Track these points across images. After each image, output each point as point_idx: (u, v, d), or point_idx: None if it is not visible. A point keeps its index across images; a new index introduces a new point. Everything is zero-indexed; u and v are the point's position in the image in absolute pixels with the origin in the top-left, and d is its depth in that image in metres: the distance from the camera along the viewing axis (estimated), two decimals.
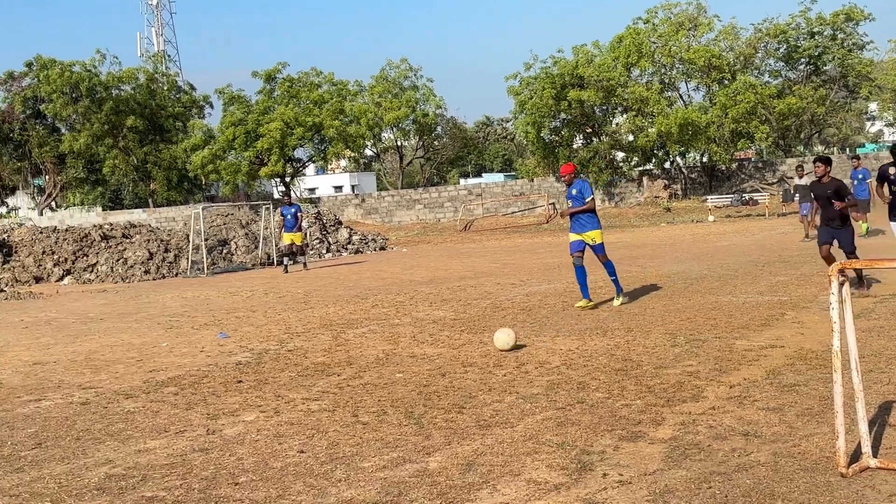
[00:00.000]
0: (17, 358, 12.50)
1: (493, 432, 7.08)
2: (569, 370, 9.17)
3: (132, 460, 6.94)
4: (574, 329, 11.77)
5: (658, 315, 12.47)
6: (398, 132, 56.22)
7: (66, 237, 31.46)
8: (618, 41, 48.07)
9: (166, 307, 18.23)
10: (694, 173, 49.57)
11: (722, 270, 17.67)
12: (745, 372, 8.51)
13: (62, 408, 9.00)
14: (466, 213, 48.84)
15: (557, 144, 50.16)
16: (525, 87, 48.85)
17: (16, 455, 7.29)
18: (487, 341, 11.26)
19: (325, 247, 32.56)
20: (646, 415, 7.25)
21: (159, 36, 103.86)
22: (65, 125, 59.00)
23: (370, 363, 10.34)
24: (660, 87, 47.42)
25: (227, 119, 53.74)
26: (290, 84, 54.73)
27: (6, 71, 59.57)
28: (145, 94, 57.30)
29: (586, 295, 13.80)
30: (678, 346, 10.01)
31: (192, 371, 10.59)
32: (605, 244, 14.24)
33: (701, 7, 47.06)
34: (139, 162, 56.79)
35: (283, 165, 52.94)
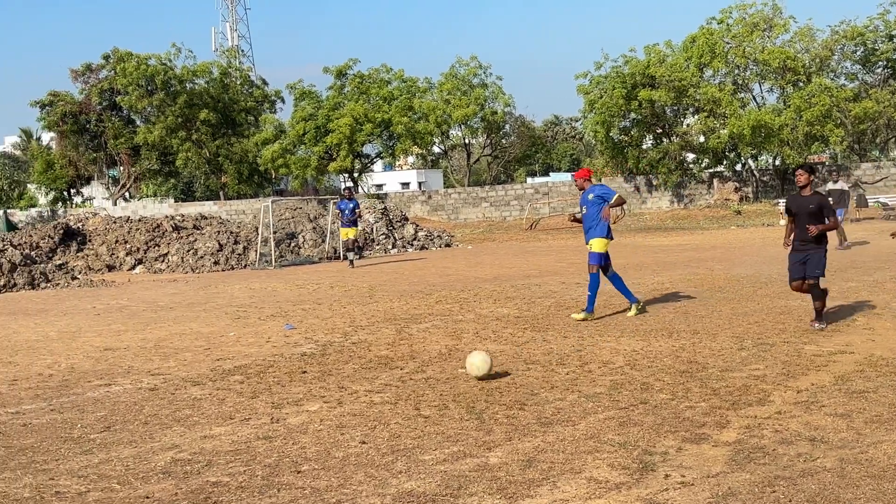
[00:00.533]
0: (89, 343, 12.80)
1: (554, 430, 7.07)
2: (632, 370, 9.10)
3: (198, 446, 7.06)
4: (639, 330, 11.67)
5: (725, 318, 12.30)
6: (466, 130, 56.20)
7: (139, 227, 32.10)
8: (691, 41, 47.44)
9: (234, 298, 18.49)
10: (766, 176, 48.76)
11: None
12: (814, 377, 8.36)
13: (131, 393, 9.20)
14: (533, 211, 48.69)
15: (626, 144, 49.74)
16: (595, 86, 48.49)
17: (85, 437, 7.47)
18: (551, 339, 11.23)
19: (391, 242, 32.74)
20: (710, 417, 7.16)
21: (234, 31, 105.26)
22: (140, 117, 60.07)
23: (433, 358, 10.38)
24: (732, 88, 46.69)
25: (298, 114, 54.26)
26: (361, 80, 55.06)
27: (84, 63, 60.87)
28: (219, 88, 58.08)
29: (632, 299, 13.20)
30: (745, 350, 9.87)
31: (258, 360, 10.74)
32: (603, 255, 12.90)
33: (777, 8, 46.21)
34: (211, 155, 57.60)
35: (351, 161, 53.30)
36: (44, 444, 7.28)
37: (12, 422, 8.13)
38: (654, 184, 48.72)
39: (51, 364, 11.17)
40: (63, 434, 7.60)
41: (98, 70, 60.15)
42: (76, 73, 60.81)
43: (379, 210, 34.48)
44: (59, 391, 9.45)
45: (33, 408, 8.68)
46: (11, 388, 9.69)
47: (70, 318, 16.17)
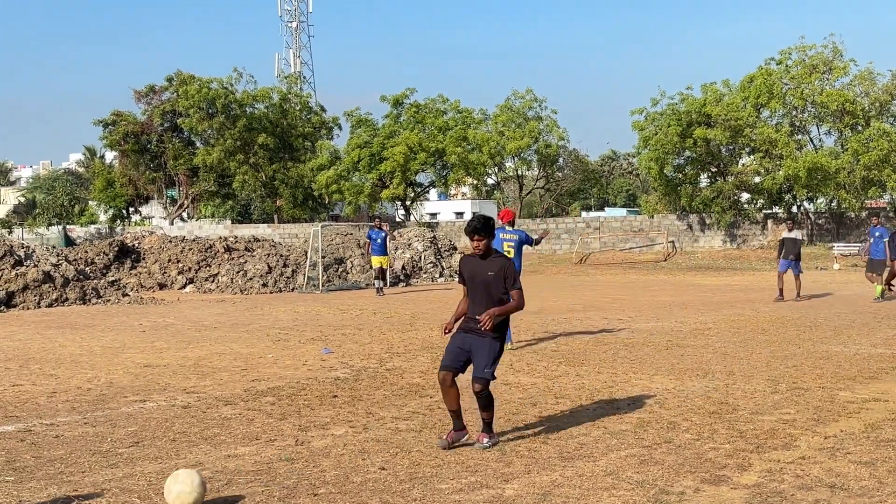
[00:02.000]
0: (131, 360, 13.04)
1: (574, 465, 7.06)
2: (661, 409, 9.06)
3: (221, 464, 7.17)
4: (674, 368, 11.60)
5: (763, 360, 12.18)
6: (519, 161, 56.32)
7: (192, 247, 32.61)
8: (749, 81, 47.14)
9: (278, 320, 18.70)
10: (821, 219, 48.12)
11: (838, 320, 17.13)
12: (843, 424, 8.26)
13: (164, 410, 9.36)
14: (583, 245, 48.55)
15: (680, 182, 49.46)
16: (650, 123, 48.35)
17: (113, 451, 7.62)
18: (584, 374, 11.21)
19: (439, 271, 32.86)
20: (733, 459, 7.11)
21: (297, 57, 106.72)
22: (199, 139, 61.14)
23: (464, 388, 10.40)
24: (789, 129, 46.24)
25: (354, 141, 54.85)
26: (417, 109, 55.54)
27: (148, 85, 62.19)
28: (278, 113, 58.95)
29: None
30: (778, 393, 9.77)
31: (291, 383, 10.86)
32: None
33: (837, 50, 45.75)
34: (267, 178, 58.37)
35: (404, 189, 53.69)
36: (72, 456, 7.44)
37: (46, 433, 8.32)
38: (707, 222, 48.32)
39: (90, 378, 11.40)
40: (93, 447, 7.76)
41: (161, 92, 61.42)
42: (139, 94, 62.14)
43: (428, 238, 34.65)
44: (95, 405, 9.64)
45: (68, 420, 8.88)
46: (49, 400, 9.91)
47: (116, 333, 16.48)
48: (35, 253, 26.26)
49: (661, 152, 46.93)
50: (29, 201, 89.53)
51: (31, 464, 7.22)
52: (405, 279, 30.96)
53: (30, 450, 7.68)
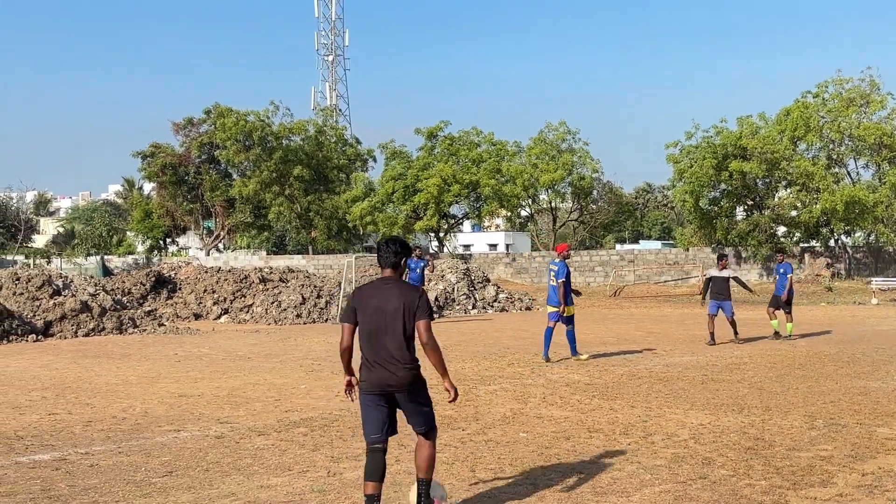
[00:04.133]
0: (165, 389, 13.13)
1: (607, 499, 7.01)
2: (696, 444, 8.97)
3: (253, 495, 7.19)
4: (709, 403, 11.49)
5: (801, 396, 12.03)
6: (553, 194, 56.30)
7: (227, 277, 32.84)
8: (785, 114, 46.94)
9: (311, 351, 18.75)
10: (859, 253, 47.62)
11: (876, 355, 16.89)
12: (882, 461, 8.13)
13: (198, 439, 9.40)
14: (617, 278, 48.32)
15: (716, 215, 49.21)
16: (685, 156, 48.21)
17: (147, 481, 7.67)
18: (618, 408, 11.12)
19: (472, 303, 32.82)
20: (768, 496, 7.02)
21: (333, 90, 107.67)
22: (236, 171, 61.75)
23: (496, 420, 10.38)
24: (826, 162, 45.95)
25: (388, 173, 55.14)
26: (451, 142, 55.78)
27: (186, 117, 63.01)
28: (313, 145, 59.46)
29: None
30: (815, 430, 9.64)
31: (324, 414, 10.87)
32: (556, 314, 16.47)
33: (874, 84, 45.48)
34: (302, 210, 58.76)
35: (437, 220, 53.81)
36: (107, 485, 7.49)
37: (81, 461, 8.38)
38: (743, 256, 47.98)
39: (126, 407, 11.49)
40: (127, 476, 7.81)
41: (199, 124, 62.20)
42: (178, 127, 62.99)
43: (461, 270, 34.65)
44: (130, 434, 9.71)
45: (102, 449, 8.94)
46: (85, 429, 10.00)
47: (151, 363, 16.60)
48: (73, 283, 26.57)
49: (697, 185, 46.74)
50: (68, 231, 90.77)
51: (65, 492, 7.27)
52: (438, 310, 30.95)
53: (65, 478, 7.74)
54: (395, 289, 6.56)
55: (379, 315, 6.48)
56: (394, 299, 6.49)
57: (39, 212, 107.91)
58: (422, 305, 6.49)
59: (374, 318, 6.48)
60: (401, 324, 6.44)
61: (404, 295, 6.51)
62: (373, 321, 6.49)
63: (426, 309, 6.51)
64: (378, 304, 6.50)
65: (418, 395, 6.57)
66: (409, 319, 6.46)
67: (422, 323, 6.45)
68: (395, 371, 6.42)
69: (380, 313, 6.48)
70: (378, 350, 6.45)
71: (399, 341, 6.44)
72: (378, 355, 6.44)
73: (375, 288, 6.62)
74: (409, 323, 6.46)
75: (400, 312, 6.45)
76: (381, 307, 6.49)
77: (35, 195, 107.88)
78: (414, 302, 6.48)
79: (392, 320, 6.45)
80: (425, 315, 6.48)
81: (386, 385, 6.44)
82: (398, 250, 6.67)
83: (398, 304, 6.46)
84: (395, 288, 6.56)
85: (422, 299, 6.52)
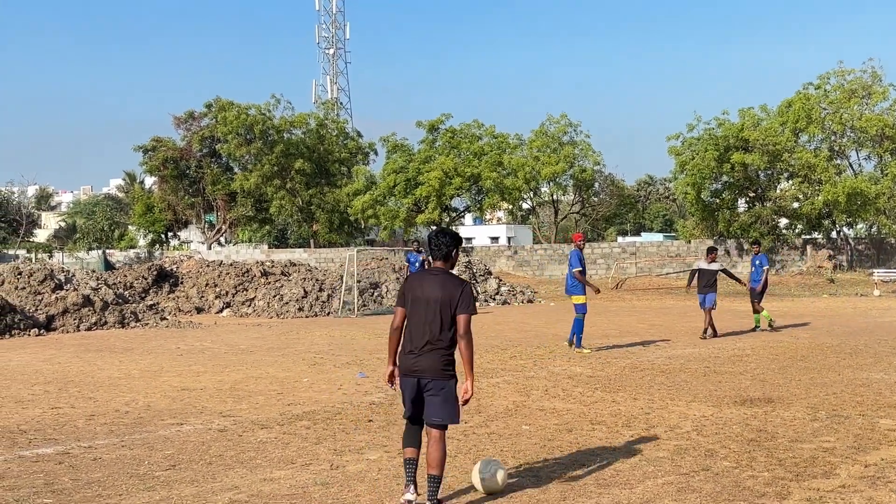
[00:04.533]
0: (168, 383, 13.13)
1: (609, 491, 7.01)
2: (699, 436, 8.97)
3: (256, 488, 7.19)
4: (712, 396, 11.49)
5: (803, 387, 12.03)
6: (555, 186, 56.27)
7: (229, 271, 32.84)
8: (786, 106, 46.94)
9: (313, 344, 18.75)
10: (861, 245, 47.63)
11: (878, 347, 16.88)
12: (885, 452, 8.13)
13: (200, 433, 9.41)
14: (619, 271, 48.33)
15: (718, 207, 49.20)
16: (687, 148, 48.19)
17: (150, 474, 7.67)
18: (620, 401, 11.13)
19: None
20: (771, 488, 7.02)
21: (334, 84, 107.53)
22: (237, 165, 61.75)
23: (499, 413, 10.38)
24: (828, 154, 45.95)
25: (390, 166, 55.15)
26: (452, 135, 55.77)
27: (187, 111, 63.00)
28: (315, 138, 59.43)
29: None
30: (818, 421, 9.64)
31: (327, 407, 10.88)
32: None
33: (876, 75, 45.46)
34: (304, 203, 58.77)
35: (439, 214, 53.81)
36: (110, 479, 7.50)
37: (84, 455, 8.39)
38: (745, 248, 47.97)
39: (128, 401, 11.50)
40: (130, 470, 7.82)
41: (200, 118, 62.17)
42: (179, 120, 62.98)
43: (462, 263, 34.64)
44: (133, 428, 9.72)
45: (106, 443, 8.95)
46: (88, 423, 10.01)
47: (154, 357, 16.61)
48: (75, 277, 26.58)
49: (699, 177, 46.75)
50: (69, 226, 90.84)
51: (69, 486, 7.28)
52: None
53: (68, 472, 7.75)
54: (441, 280, 6.71)
55: (422, 304, 6.67)
56: (438, 290, 6.65)
57: (41, 206, 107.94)
58: (464, 299, 6.64)
59: (418, 306, 6.68)
60: (440, 314, 6.61)
61: (448, 287, 6.66)
62: (416, 309, 6.70)
63: (468, 303, 6.65)
64: (423, 294, 6.68)
65: (445, 386, 6.66)
66: (449, 311, 6.62)
67: (462, 317, 6.62)
68: (427, 358, 6.60)
69: (423, 302, 6.66)
70: (416, 337, 6.65)
71: (436, 331, 6.61)
72: (415, 342, 6.65)
73: (424, 277, 6.81)
74: (448, 314, 6.62)
75: (441, 303, 6.61)
76: (425, 296, 6.67)
77: (36, 190, 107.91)
78: (456, 295, 6.63)
79: (433, 310, 6.62)
80: (466, 309, 6.63)
81: (418, 370, 6.63)
82: (448, 242, 6.85)
83: (440, 295, 6.62)
84: (441, 279, 6.72)
85: (464, 293, 6.66)
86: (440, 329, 6.60)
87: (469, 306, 6.64)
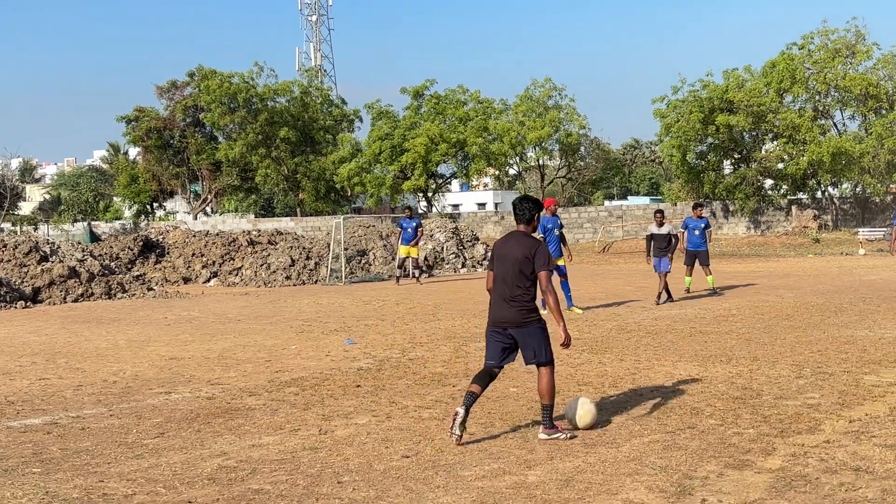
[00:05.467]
0: (156, 353, 13.14)
1: (597, 451, 7.07)
2: (685, 395, 9.03)
3: (245, 454, 7.22)
4: (698, 355, 11.56)
5: (788, 346, 12.11)
6: (541, 151, 56.18)
7: (216, 241, 32.76)
8: (770, 66, 46.83)
9: (301, 312, 18.76)
10: (846, 204, 47.78)
11: (863, 305, 16.99)
12: (869, 407, 8.21)
13: (189, 401, 9.43)
14: (606, 234, 48.43)
15: (703, 169, 49.23)
16: (672, 110, 48.10)
17: (139, 443, 7.69)
18: (607, 362, 11.19)
19: (461, 262, 32.86)
20: (757, 444, 7.08)
21: (317, 51, 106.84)
22: (222, 134, 61.43)
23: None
24: (813, 114, 45.94)
25: (375, 133, 54.95)
26: (437, 101, 55.54)
27: (169, 80, 62.59)
28: (299, 106, 59.11)
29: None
30: (803, 378, 9.72)
31: (315, 374, 10.90)
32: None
33: (860, 34, 45.36)
34: (290, 172, 58.55)
35: (425, 180, 53.73)
36: (98, 448, 7.52)
37: (72, 425, 8.40)
38: (730, 209, 48.10)
39: (116, 371, 11.50)
40: (118, 439, 7.83)
41: (182, 87, 61.75)
42: (161, 90, 62.56)
43: (450, 229, 34.64)
44: (121, 397, 9.73)
45: (94, 412, 8.96)
46: (76, 394, 10.01)
47: (141, 327, 16.60)
48: (60, 249, 26.47)
49: (684, 139, 46.73)
50: (54, 198, 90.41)
51: (57, 456, 7.30)
52: (428, 270, 30.97)
53: (56, 442, 7.76)
54: (521, 240, 7.58)
55: (505, 262, 7.54)
56: (518, 249, 7.49)
57: (25, 179, 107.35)
58: (539, 257, 7.44)
59: (502, 264, 7.57)
60: (519, 270, 7.45)
61: (527, 246, 7.49)
62: (500, 267, 7.57)
63: (544, 260, 7.45)
64: (506, 252, 7.56)
65: (530, 332, 7.51)
66: (527, 267, 7.44)
67: (541, 273, 7.45)
68: (509, 310, 7.48)
69: (506, 260, 7.54)
70: (500, 291, 7.54)
71: (514, 285, 7.46)
72: (499, 296, 7.54)
73: (509, 239, 7.68)
74: (527, 270, 7.44)
75: (520, 260, 7.45)
76: (507, 255, 7.54)
77: (20, 162, 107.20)
78: (533, 252, 7.44)
79: (513, 267, 7.47)
80: (543, 266, 7.44)
81: (502, 321, 7.53)
82: (531, 207, 7.70)
83: (520, 254, 7.46)
84: (522, 239, 7.58)
85: (539, 251, 7.47)
86: (519, 283, 7.44)
87: (545, 263, 7.44)
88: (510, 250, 7.54)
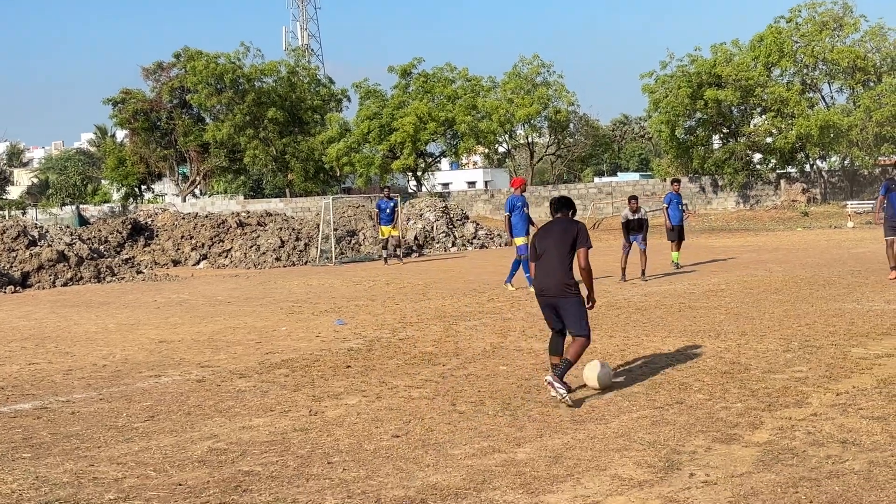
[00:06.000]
0: (146, 336, 13.13)
1: (585, 427, 7.10)
2: (673, 371, 9.07)
3: (235, 436, 7.23)
4: (686, 330, 11.61)
5: (776, 320, 12.16)
6: (530, 128, 56.12)
7: (205, 223, 32.69)
8: (758, 40, 46.82)
9: (291, 293, 18.76)
10: (834, 177, 47.91)
11: (851, 278, 17.07)
12: (856, 380, 8.26)
13: (179, 384, 9.43)
14: (596, 211, 48.46)
15: (692, 144, 49.26)
16: (660, 86, 48.07)
17: (129, 426, 7.70)
18: (596, 339, 11.18)
19: (451, 240, 32.86)
20: (744, 418, 7.13)
21: (304, 30, 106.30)
22: (209, 115, 61.17)
23: (476, 355, 10.46)
24: (801, 87, 45.99)
25: (363, 112, 54.79)
26: (425, 79, 55.38)
27: (155, 62, 62.23)
28: (286, 86, 58.84)
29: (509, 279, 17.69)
30: (791, 352, 9.76)
31: (305, 355, 10.91)
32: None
33: (847, 7, 45.36)
34: (278, 153, 58.37)
35: (414, 159, 53.63)
36: (89, 432, 7.52)
37: (62, 409, 8.40)
38: (719, 184, 48.18)
39: (106, 355, 11.49)
40: (108, 422, 7.84)
41: (169, 68, 61.42)
42: (147, 72, 62.21)
43: (439, 208, 34.62)
44: (111, 381, 9.72)
45: (83, 397, 8.96)
46: (66, 378, 10.00)
47: (130, 311, 16.58)
48: (49, 233, 26.38)
49: (672, 115, 46.75)
50: (42, 182, 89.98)
51: (47, 440, 7.30)
52: (417, 249, 30.99)
53: (46, 426, 7.76)
54: (562, 223, 8.48)
55: (547, 241, 8.39)
56: (558, 230, 8.39)
57: (12, 163, 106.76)
58: (580, 236, 8.27)
59: (545, 243, 8.40)
60: (559, 248, 8.26)
61: (567, 227, 8.39)
62: (543, 245, 8.41)
63: (585, 238, 8.27)
64: (548, 232, 8.45)
65: (570, 304, 8.22)
66: (568, 244, 8.24)
67: (581, 250, 8.24)
68: (551, 283, 8.23)
69: (548, 239, 8.40)
70: (543, 266, 8.35)
71: (555, 261, 8.24)
72: (542, 270, 8.36)
73: (550, 224, 8.57)
74: (566, 247, 8.24)
75: (561, 239, 8.29)
76: (550, 235, 8.42)
77: (7, 146, 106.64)
78: (573, 233, 8.30)
79: (554, 245, 8.31)
80: (584, 243, 8.25)
81: (545, 293, 8.33)
82: (566, 202, 8.65)
83: (560, 234, 8.33)
84: (562, 222, 8.48)
85: (580, 231, 8.32)
86: (561, 258, 8.21)
87: (586, 241, 8.26)
88: (555, 230, 8.41)
